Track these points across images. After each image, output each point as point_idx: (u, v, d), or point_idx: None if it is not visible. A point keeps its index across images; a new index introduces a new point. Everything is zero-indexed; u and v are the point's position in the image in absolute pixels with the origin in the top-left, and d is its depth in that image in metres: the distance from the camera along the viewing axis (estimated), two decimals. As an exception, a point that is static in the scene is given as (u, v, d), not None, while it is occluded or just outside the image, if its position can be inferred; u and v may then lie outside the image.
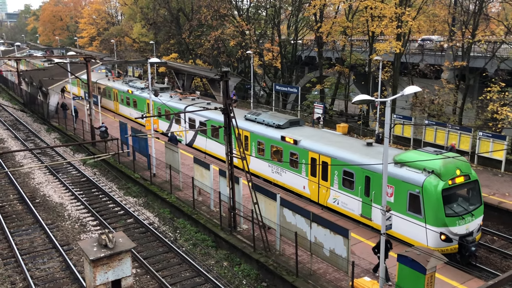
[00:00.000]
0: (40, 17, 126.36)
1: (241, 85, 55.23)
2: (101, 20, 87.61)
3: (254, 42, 50.64)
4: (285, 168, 24.30)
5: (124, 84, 45.59)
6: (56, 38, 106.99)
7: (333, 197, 21.43)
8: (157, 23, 63.66)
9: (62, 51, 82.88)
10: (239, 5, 56.25)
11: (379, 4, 35.29)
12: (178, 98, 36.36)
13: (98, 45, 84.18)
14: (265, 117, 26.67)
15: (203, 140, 31.86)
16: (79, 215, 22.69)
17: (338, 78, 45.98)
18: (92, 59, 36.59)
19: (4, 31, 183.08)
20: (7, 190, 26.26)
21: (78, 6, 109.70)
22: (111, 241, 10.35)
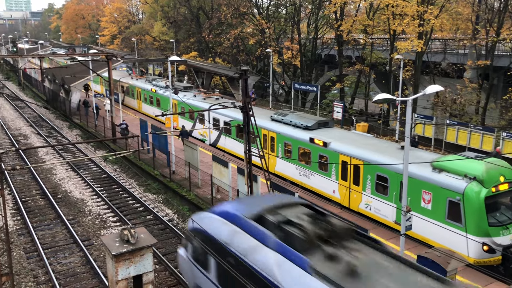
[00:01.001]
0: (63, 16, 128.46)
1: (260, 83, 55.23)
2: (123, 19, 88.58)
3: (274, 40, 50.57)
4: (313, 171, 23.58)
5: (147, 83, 45.56)
6: (78, 36, 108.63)
7: (365, 203, 20.68)
8: (178, 22, 64.10)
9: (84, 49, 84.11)
10: (259, 3, 56.23)
11: (400, 2, 34.86)
12: (202, 97, 36.09)
13: (119, 43, 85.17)
14: (293, 117, 25.95)
15: (228, 141, 31.43)
16: (99, 211, 23.01)
17: (358, 77, 45.60)
18: (113, 57, 37.04)
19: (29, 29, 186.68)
20: (30, 186, 26.79)
21: (100, 4, 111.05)
22: (133, 236, 10.47)
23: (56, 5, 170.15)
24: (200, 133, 35.26)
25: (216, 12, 57.17)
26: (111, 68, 35.00)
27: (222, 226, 11.30)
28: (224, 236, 11.03)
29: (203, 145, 32.86)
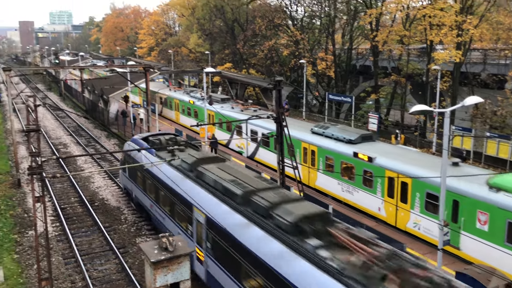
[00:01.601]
0: (102, 29, 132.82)
1: (293, 94, 55.26)
2: (160, 31, 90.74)
3: (308, 51, 50.59)
4: (357, 186, 22.72)
5: (185, 94, 45.87)
6: (117, 48, 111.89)
7: (413, 222, 19.72)
8: (213, 34, 65.13)
9: (122, 61, 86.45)
10: (294, 15, 56.48)
11: (438, 12, 34.27)
12: (240, 109, 35.95)
13: (156, 55, 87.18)
14: (334, 130, 25.17)
15: (266, 153, 30.86)
16: (135, 219, 23.42)
17: (394, 88, 44.93)
18: (151, 69, 37.87)
19: (70, 42, 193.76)
20: (69, 193, 27.58)
21: (138, 17, 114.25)
22: (171, 244, 10.60)
23: (96, 18, 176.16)
24: (237, 145, 35.07)
25: (251, 24, 57.78)
26: (148, 79, 35.80)
27: (129, 144, 23.70)
28: (126, 148, 23.92)
29: (236, 155, 33.01)
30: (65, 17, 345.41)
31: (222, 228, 12.93)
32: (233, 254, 12.50)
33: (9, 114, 35.79)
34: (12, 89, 32.80)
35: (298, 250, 10.53)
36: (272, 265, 10.70)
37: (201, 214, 14.57)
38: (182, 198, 16.02)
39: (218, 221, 13.22)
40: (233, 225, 12.67)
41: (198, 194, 15.20)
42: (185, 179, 16.83)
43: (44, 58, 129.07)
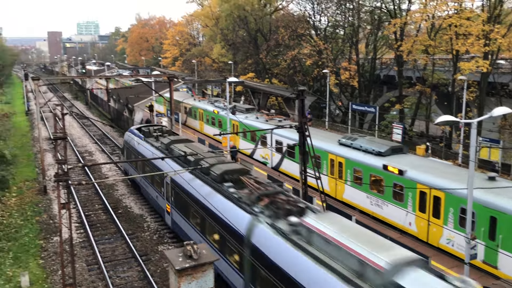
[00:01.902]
0: (128, 39, 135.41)
1: (316, 104, 55.08)
2: (184, 42, 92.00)
3: (331, 61, 50.46)
4: (386, 200, 22.06)
5: (209, 104, 45.92)
6: (142, 58, 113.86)
7: (446, 238, 18.95)
8: (236, 44, 65.65)
9: (147, 71, 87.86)
10: (317, 24, 56.50)
11: (464, 21, 33.77)
12: (264, 119, 35.61)
13: (181, 65, 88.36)
14: (363, 142, 24.51)
15: (291, 164, 30.07)
16: (157, 227, 23.57)
17: (418, 98, 44.34)
18: (175, 78, 38.34)
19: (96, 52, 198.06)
20: (93, 200, 27.98)
21: (163, 28, 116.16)
22: (195, 252, 10.62)
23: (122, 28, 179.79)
24: (261, 156, 34.77)
25: (274, 34, 58.03)
26: (172, 88, 36.24)
27: (127, 134, 29.35)
28: (125, 137, 29.60)
29: (260, 166, 32.90)
30: (92, 28, 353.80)
31: (179, 184, 19.55)
32: (185, 200, 18.89)
33: (36, 122, 36.66)
34: (40, 98, 33.61)
35: (218, 190, 16.38)
36: (203, 200, 16.72)
37: (171, 183, 20.67)
38: (159, 168, 22.20)
39: (177, 180, 19.66)
40: (187, 180, 18.50)
41: (169, 164, 21.04)
42: (161, 154, 22.62)
43: (71, 67, 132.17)
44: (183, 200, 19.22)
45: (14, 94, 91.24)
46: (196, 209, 17.66)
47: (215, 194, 16.22)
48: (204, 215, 16.76)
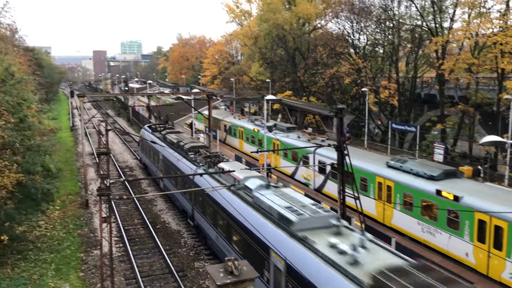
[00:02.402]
0: (169, 58, 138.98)
1: (354, 122, 54.49)
2: (223, 60, 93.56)
3: (370, 79, 49.97)
4: (440, 228, 20.70)
5: (249, 123, 45.66)
6: (182, 77, 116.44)
7: (509, 272, 17.59)
8: (274, 62, 66.18)
9: (187, 89, 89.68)
10: (356, 43, 56.24)
11: (510, 39, 32.77)
12: (306, 138, 34.72)
13: (219, 83, 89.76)
14: (413, 165, 23.32)
15: (335, 186, 29.21)
16: (194, 243, 23.72)
17: (461, 118, 43.12)
18: (214, 96, 38.94)
19: (139, 70, 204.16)
20: (132, 215, 28.51)
21: (203, 47, 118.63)
22: (237, 268, 10.64)
23: (164, 48, 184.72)
24: (303, 176, 33.69)
25: (312, 52, 58.14)
26: (211, 106, 36.79)
27: (142, 130, 41.48)
28: (141, 133, 41.98)
29: (303, 187, 32.49)
30: (135, 47, 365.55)
31: (168, 160, 29.52)
32: (170, 164, 28.91)
33: (80, 138, 37.91)
34: (84, 114, 34.85)
35: (185, 157, 26.26)
36: (176, 164, 27.16)
37: (161, 156, 31.39)
38: (156, 150, 32.73)
39: (168, 157, 29.72)
40: (173, 156, 28.46)
41: (163, 149, 30.87)
42: (161, 142, 32.64)
43: (115, 85, 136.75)
44: (168, 164, 29.47)
45: (60, 110, 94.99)
46: (173, 170, 27.91)
47: (183, 160, 26.23)
48: (176, 170, 27.19)
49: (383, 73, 53.61)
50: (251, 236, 15.74)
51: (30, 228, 25.63)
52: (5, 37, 47.59)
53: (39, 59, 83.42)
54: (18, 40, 57.26)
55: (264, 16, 63.99)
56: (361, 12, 51.99)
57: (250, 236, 15.90)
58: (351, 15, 53.51)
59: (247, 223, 15.96)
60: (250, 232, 15.76)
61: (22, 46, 54.30)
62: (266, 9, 63.49)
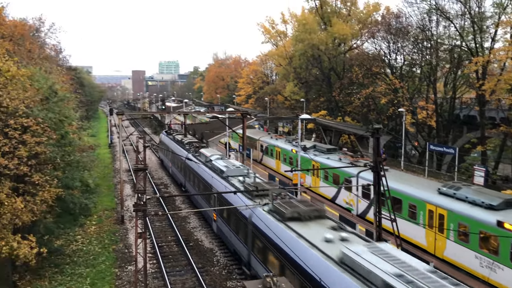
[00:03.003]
0: (205, 78, 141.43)
1: (391, 143, 53.53)
2: (257, 80, 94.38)
3: (407, 99, 49.16)
4: (503, 263, 18.89)
5: (287, 143, 44.19)
6: (217, 96, 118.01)
7: None
8: (309, 82, 66.22)
9: (221, 108, 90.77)
10: (392, 63, 55.63)
11: (556, 59, 31.63)
12: (349, 161, 32.70)
13: (253, 102, 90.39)
14: (469, 193, 21.69)
15: None
16: (226, 262, 23.61)
17: (503, 140, 41.67)
18: (248, 115, 39.20)
19: (176, 89, 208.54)
20: (166, 232, 28.73)
21: (238, 67, 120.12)
22: (275, 284, 10.56)
23: (200, 68, 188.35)
24: (345, 201, 31.73)
25: (348, 72, 57.89)
26: (245, 125, 37.00)
27: (161, 134, 55.69)
28: (160, 136, 57.26)
29: (344, 212, 31.55)
30: (173, 67, 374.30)
31: (174, 152, 40.33)
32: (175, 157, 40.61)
33: (118, 155, 38.76)
34: (122, 132, 35.70)
35: (183, 148, 39.61)
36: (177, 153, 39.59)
37: (170, 150, 42.42)
38: (168, 147, 44.91)
39: (174, 150, 40.80)
40: (177, 148, 40.52)
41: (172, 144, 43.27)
42: (172, 142, 44.11)
43: (152, 104, 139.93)
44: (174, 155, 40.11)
45: (99, 128, 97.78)
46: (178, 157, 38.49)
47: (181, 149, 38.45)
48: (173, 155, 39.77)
49: (420, 94, 52.66)
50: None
51: (68, 242, 26.23)
52: (50, 57, 49.75)
53: (81, 78, 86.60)
54: (62, 59, 59.75)
55: (299, 37, 64.37)
56: (398, 32, 51.51)
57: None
58: (387, 35, 53.10)
59: None
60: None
61: (65, 66, 56.47)
62: (302, 29, 63.86)
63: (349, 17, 66.11)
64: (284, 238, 16.05)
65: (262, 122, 69.04)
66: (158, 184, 42.52)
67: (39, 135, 18.15)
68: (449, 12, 46.19)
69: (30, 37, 43.29)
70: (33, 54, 38.46)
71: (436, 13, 47.04)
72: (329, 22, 65.18)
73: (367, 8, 64.80)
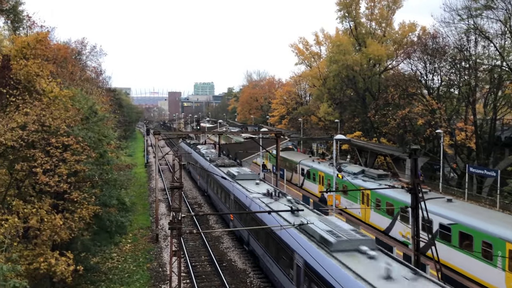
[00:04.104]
0: (239, 99, 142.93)
1: (428, 165, 52.16)
2: (291, 101, 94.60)
3: (445, 121, 47.98)
4: None
5: (331, 167, 39.71)
6: (251, 117, 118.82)
7: None
8: (343, 103, 65.81)
9: (255, 128, 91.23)
10: (429, 84, 54.64)
11: None
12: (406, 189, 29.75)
13: (287, 123, 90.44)
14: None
15: (448, 251, 23.27)
16: (259, 284, 23.34)
17: (548, 162, 39.88)
18: (281, 135, 39.18)
19: (210, 110, 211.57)
20: (200, 251, 28.75)
21: (272, 88, 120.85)
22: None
23: (235, 88, 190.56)
24: (401, 234, 28.47)
25: (383, 93, 57.21)
26: (279, 145, 36.98)
27: (181, 143, 70.94)
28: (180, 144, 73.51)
29: (394, 243, 28.26)
30: (208, 89, 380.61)
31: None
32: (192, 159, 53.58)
33: (154, 174, 39.35)
34: (158, 151, 36.33)
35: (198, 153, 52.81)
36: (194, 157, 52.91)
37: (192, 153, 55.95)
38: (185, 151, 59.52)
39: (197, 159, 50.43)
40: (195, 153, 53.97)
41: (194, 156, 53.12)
42: (193, 150, 56.12)
43: (187, 124, 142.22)
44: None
45: (136, 147, 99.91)
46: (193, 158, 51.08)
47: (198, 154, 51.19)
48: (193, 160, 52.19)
49: (459, 115, 51.34)
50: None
51: (103, 259, 26.62)
52: (91, 78, 51.56)
53: (119, 99, 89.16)
54: (102, 81, 61.81)
55: (333, 58, 64.33)
56: (435, 52, 50.67)
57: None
58: (424, 55, 52.31)
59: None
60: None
61: (105, 87, 58.38)
62: (336, 51, 63.84)
63: (384, 38, 65.72)
64: None
65: (296, 143, 68.82)
66: (192, 203, 42.82)
67: (79, 153, 18.66)
68: (488, 32, 45.21)
69: (72, 60, 45.13)
70: (74, 76, 39.97)
71: (474, 33, 46.11)
72: (363, 43, 64.93)
73: (403, 29, 64.26)
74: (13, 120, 17.34)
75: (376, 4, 65.33)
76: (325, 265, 15.14)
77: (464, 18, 45.79)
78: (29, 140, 17.20)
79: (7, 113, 18.64)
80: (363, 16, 66.78)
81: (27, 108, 18.15)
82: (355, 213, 35.10)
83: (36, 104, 18.66)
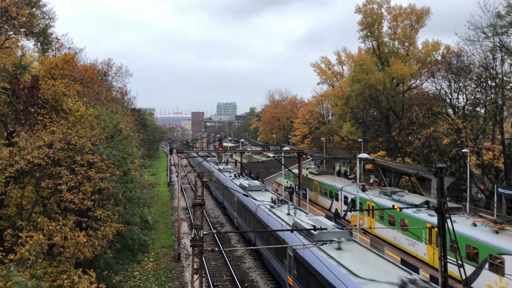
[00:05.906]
0: (261, 118, 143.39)
1: (454, 185, 50.97)
2: (313, 120, 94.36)
3: (471, 140, 46.98)
4: None
5: (384, 197, 34.89)
6: (273, 136, 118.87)
7: None
8: (366, 122, 65.27)
9: (277, 147, 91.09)
10: (454, 102, 53.80)
11: None
12: (472, 223, 25.35)
13: (309, 142, 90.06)
14: None
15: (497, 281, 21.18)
16: (281, 305, 22.93)
17: None
18: (304, 155, 38.99)
19: (232, 130, 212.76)
20: (221, 271, 28.53)
21: (294, 108, 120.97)
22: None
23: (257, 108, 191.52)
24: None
25: (407, 112, 56.56)
26: (301, 164, 36.76)
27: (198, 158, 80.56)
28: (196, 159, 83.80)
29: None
30: (230, 109, 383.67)
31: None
32: None
33: (177, 193, 39.51)
34: (181, 171, 36.52)
35: None
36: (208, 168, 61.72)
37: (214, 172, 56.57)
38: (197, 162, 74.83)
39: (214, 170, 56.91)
40: None
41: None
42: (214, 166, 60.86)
43: (210, 143, 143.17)
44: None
45: (159, 167, 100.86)
46: None
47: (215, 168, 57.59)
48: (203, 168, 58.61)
49: (485, 134, 50.24)
50: None
51: (126, 278, 26.66)
52: (116, 98, 52.58)
53: (144, 119, 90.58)
54: (127, 101, 62.94)
55: (356, 77, 64.13)
56: (460, 71, 50.00)
57: None
58: (448, 74, 51.66)
59: None
60: None
61: (130, 107, 59.39)
62: (359, 70, 63.67)
63: (407, 57, 65.30)
64: None
65: (318, 162, 68.32)
66: (214, 222, 42.74)
67: (103, 171, 18.88)
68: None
69: (98, 80, 46.15)
70: (100, 96, 40.81)
71: (500, 51, 45.38)
72: (386, 62, 64.65)
73: (426, 48, 63.79)
74: (40, 139, 17.73)
75: (399, 24, 65.19)
76: None
77: (490, 36, 45.19)
78: (55, 158, 17.51)
79: (35, 131, 19.09)
80: (386, 36, 66.67)
81: (54, 127, 18.55)
82: (420, 255, 29.30)
83: (62, 123, 19.08)
